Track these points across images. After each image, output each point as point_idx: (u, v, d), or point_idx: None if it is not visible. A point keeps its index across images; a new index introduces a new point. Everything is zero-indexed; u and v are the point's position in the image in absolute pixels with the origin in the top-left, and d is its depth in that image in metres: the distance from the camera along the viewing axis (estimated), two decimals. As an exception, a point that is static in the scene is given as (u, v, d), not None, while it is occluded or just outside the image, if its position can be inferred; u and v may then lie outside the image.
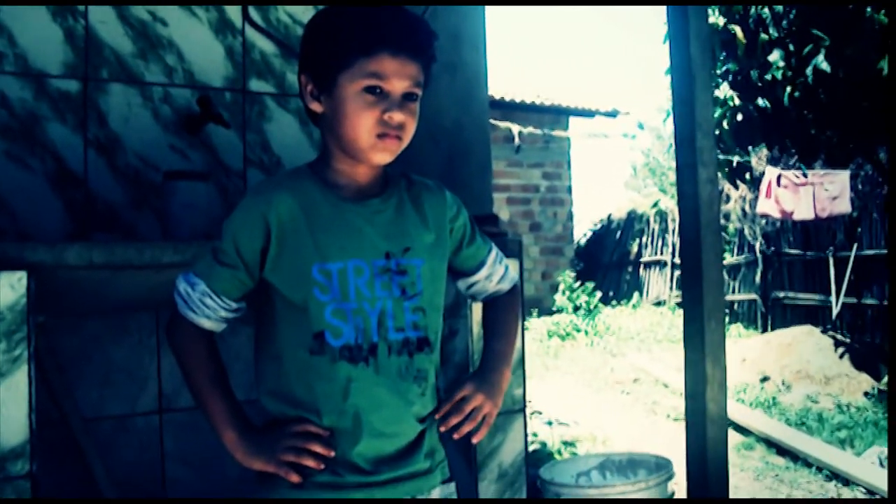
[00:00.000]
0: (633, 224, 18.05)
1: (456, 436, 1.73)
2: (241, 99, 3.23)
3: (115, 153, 3.00)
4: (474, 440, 1.76)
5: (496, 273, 2.01)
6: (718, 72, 8.54)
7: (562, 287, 13.91)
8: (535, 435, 6.29)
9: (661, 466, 3.58)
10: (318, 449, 1.66)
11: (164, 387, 3.00)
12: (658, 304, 15.95)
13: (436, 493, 1.79)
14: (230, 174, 3.19)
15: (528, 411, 6.76)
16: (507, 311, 2.04)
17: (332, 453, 1.67)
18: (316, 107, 1.73)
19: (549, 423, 6.77)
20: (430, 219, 1.83)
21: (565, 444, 6.20)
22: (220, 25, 3.20)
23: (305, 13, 3.33)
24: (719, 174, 9.40)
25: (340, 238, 1.70)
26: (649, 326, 13.28)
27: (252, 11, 3.25)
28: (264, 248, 1.68)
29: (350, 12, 1.68)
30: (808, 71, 7.42)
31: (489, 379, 1.87)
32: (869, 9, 6.65)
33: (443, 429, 1.74)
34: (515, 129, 13.75)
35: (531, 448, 5.80)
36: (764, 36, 7.91)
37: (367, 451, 1.69)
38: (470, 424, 1.76)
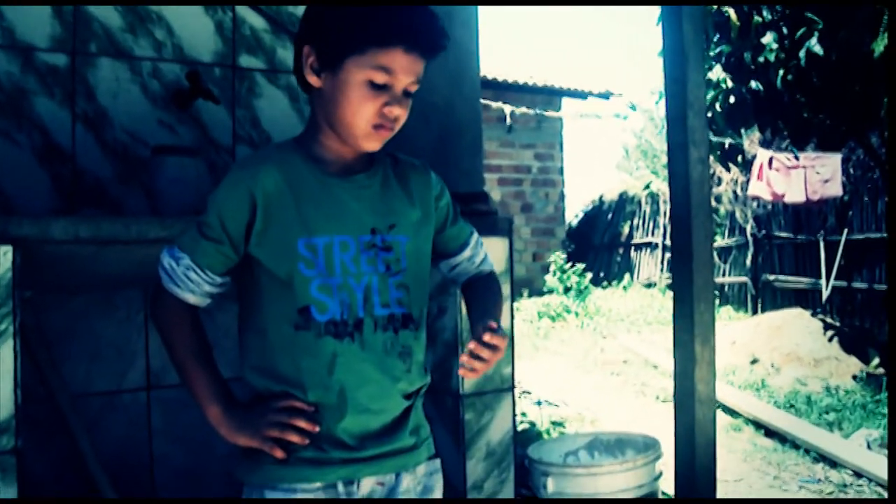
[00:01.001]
0: (624, 206, 18.05)
1: (464, 358, 1.65)
2: (231, 74, 3.21)
3: (103, 128, 2.98)
4: (465, 373, 1.71)
5: (478, 255, 2.02)
6: (712, 54, 8.51)
7: (553, 268, 13.89)
8: (524, 415, 6.31)
9: (649, 446, 3.59)
10: (302, 424, 1.66)
11: (152, 363, 2.99)
12: (649, 285, 15.97)
13: (421, 470, 1.80)
14: (219, 150, 3.17)
15: (517, 391, 6.79)
16: (492, 283, 2.02)
17: (317, 429, 1.67)
18: (314, 81, 1.72)
19: (539, 404, 6.80)
20: (415, 196, 1.83)
21: (554, 424, 6.22)
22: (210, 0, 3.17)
23: (296, -11, 3.31)
24: (711, 157, 9.39)
25: (326, 213, 1.70)
26: (639, 308, 13.29)
27: (242, -14, 3.22)
28: (250, 222, 1.67)
29: None
30: (802, 54, 7.39)
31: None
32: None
33: (467, 357, 1.65)
34: (508, 109, 13.74)
35: (520, 428, 5.82)
36: (758, 18, 7.87)
37: (353, 426, 1.69)
38: (484, 365, 1.67)
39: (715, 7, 8.01)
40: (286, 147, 1.78)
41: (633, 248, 17.29)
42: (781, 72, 7.78)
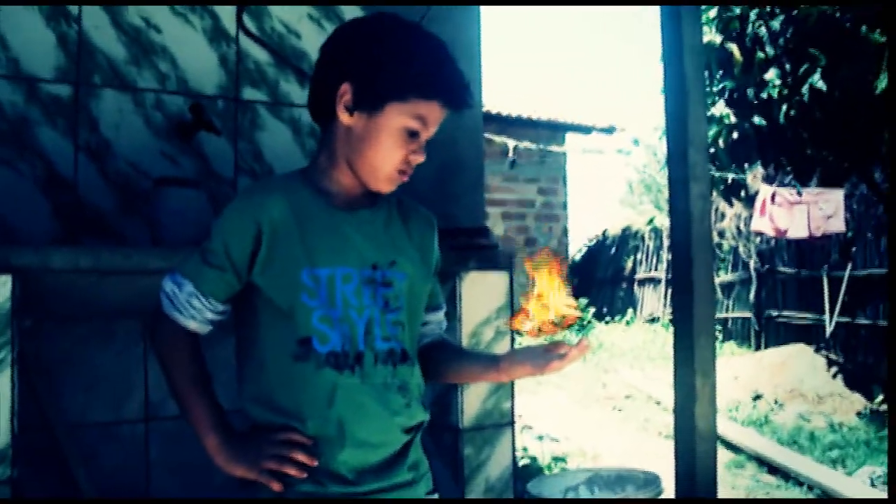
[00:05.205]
0: (627, 240, 18.04)
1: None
2: (234, 107, 3.22)
3: (105, 159, 2.99)
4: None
5: (445, 322, 2.03)
6: (715, 89, 8.54)
7: (556, 302, 13.83)
8: (525, 450, 6.27)
9: (649, 482, 3.56)
10: (301, 458, 1.64)
11: (151, 395, 2.98)
12: (652, 320, 15.92)
13: (419, 505, 1.78)
14: (221, 182, 3.17)
15: (518, 426, 6.75)
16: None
17: (316, 462, 1.65)
18: (346, 118, 1.71)
19: (540, 438, 6.75)
20: (415, 238, 1.84)
21: (556, 459, 6.18)
22: (214, 33, 3.19)
23: (301, 22, 3.33)
24: (714, 192, 9.41)
25: (330, 244, 1.70)
26: (642, 343, 13.26)
27: (246, 20, 3.24)
28: (254, 250, 1.67)
29: (422, 50, 1.69)
30: (804, 90, 7.42)
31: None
32: (864, 28, 6.66)
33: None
34: (511, 143, 13.72)
35: (522, 463, 5.78)
36: (761, 54, 7.92)
37: (351, 460, 1.68)
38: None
39: (718, 43, 8.05)
40: (293, 178, 1.78)
41: (636, 282, 17.25)
42: (784, 108, 7.81)
